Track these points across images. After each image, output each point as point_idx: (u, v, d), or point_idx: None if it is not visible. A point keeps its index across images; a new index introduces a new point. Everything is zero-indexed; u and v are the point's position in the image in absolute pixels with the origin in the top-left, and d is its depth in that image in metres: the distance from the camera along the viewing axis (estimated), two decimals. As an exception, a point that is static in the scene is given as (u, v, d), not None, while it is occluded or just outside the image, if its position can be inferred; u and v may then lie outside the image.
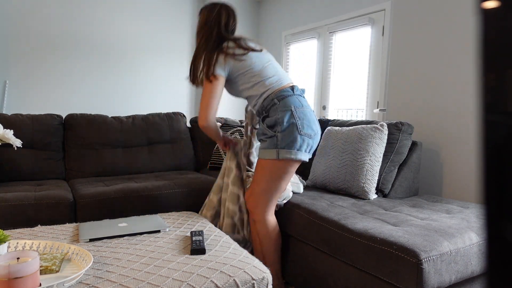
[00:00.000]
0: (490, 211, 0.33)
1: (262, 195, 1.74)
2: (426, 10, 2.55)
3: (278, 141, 1.66)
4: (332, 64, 3.46)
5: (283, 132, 1.65)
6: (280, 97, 1.69)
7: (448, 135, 2.40)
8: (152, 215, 1.71)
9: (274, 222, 1.83)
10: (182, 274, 1.10)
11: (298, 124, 1.64)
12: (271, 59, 1.81)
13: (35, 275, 0.93)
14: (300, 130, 1.64)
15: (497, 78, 0.32)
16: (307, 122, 1.66)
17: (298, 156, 1.65)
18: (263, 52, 1.79)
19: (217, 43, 1.73)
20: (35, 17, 3.70)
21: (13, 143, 1.18)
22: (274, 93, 1.70)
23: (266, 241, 1.80)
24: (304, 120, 1.65)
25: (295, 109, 1.66)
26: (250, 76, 1.73)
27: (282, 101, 1.68)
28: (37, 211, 1.96)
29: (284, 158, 1.65)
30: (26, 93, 3.69)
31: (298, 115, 1.65)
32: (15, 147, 1.34)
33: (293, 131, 1.64)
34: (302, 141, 1.65)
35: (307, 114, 1.68)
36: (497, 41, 0.32)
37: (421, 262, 1.25)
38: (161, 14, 4.45)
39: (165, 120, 3.00)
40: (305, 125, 1.65)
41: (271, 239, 1.81)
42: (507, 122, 0.31)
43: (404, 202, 1.98)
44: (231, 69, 1.72)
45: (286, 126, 1.64)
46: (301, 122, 1.65)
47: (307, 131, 1.66)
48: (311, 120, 1.68)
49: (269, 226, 1.79)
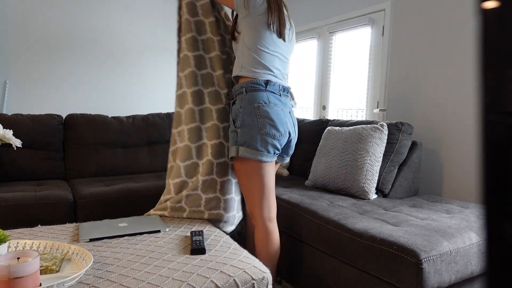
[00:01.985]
0: (490, 211, 0.33)
1: (248, 197, 1.62)
2: (426, 10, 2.55)
3: (238, 137, 1.55)
4: (332, 64, 3.46)
5: (242, 128, 1.54)
6: (249, 88, 1.57)
7: (448, 135, 2.40)
8: (152, 215, 1.71)
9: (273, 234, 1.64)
10: (182, 274, 1.10)
11: (259, 122, 1.52)
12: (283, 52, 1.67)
13: (35, 275, 0.93)
14: (260, 128, 1.52)
15: (497, 78, 0.32)
16: (270, 121, 1.53)
17: (258, 157, 1.52)
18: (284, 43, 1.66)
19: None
20: (35, 17, 3.70)
21: (13, 143, 1.18)
22: (247, 81, 1.58)
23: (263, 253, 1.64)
24: (267, 119, 1.52)
25: (259, 106, 1.53)
26: (254, 40, 1.58)
27: (249, 93, 1.56)
28: (37, 211, 1.96)
29: (243, 156, 1.54)
30: (26, 93, 3.69)
31: (260, 113, 1.53)
32: (15, 147, 1.34)
33: (252, 128, 1.52)
34: (263, 141, 1.52)
35: (272, 113, 1.54)
36: (497, 41, 0.32)
37: (421, 262, 1.25)
38: (161, 14, 4.45)
39: (165, 120, 3.00)
40: (267, 124, 1.52)
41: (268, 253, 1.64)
42: (507, 122, 0.31)
43: (404, 202, 1.98)
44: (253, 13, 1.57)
45: (246, 123, 1.53)
46: (263, 120, 1.52)
47: (269, 130, 1.52)
48: (277, 119, 1.54)
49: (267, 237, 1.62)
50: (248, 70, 1.59)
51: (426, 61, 2.55)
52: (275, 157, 1.60)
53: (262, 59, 1.58)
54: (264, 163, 1.56)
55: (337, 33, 3.38)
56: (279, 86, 1.61)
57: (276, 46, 1.61)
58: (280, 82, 1.63)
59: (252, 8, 1.55)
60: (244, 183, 1.60)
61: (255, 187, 1.58)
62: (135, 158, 2.79)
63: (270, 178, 1.60)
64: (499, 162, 0.32)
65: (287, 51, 1.68)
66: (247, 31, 1.59)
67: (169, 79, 4.66)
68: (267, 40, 1.58)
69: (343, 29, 3.27)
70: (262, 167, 1.56)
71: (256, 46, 1.58)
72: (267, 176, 1.58)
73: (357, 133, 2.11)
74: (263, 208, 1.61)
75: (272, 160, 1.58)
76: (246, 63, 1.60)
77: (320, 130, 2.62)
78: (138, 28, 4.33)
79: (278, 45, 1.62)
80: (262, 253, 1.64)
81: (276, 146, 1.56)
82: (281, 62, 1.65)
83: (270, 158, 1.56)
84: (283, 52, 1.65)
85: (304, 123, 2.80)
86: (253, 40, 1.58)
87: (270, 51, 1.59)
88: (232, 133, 1.59)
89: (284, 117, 1.59)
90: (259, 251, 1.65)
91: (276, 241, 1.65)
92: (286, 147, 1.68)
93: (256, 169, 1.56)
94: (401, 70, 2.73)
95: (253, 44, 1.58)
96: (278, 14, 1.59)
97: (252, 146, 1.53)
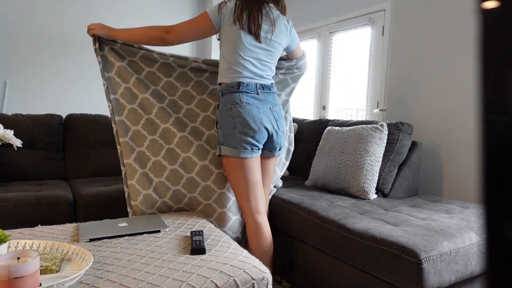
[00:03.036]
0: (490, 211, 0.33)
1: (235, 192, 1.72)
2: (426, 10, 2.55)
3: (219, 137, 1.69)
4: (332, 64, 3.46)
5: (220, 129, 1.67)
6: (225, 91, 1.68)
7: (448, 135, 2.40)
8: (152, 215, 1.71)
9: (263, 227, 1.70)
10: (182, 274, 1.10)
11: (233, 121, 1.63)
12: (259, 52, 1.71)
13: (35, 275, 0.93)
14: (234, 127, 1.62)
15: (497, 78, 0.32)
16: (242, 120, 1.61)
17: (236, 154, 1.63)
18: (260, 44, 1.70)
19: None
20: (35, 17, 3.70)
21: (13, 143, 1.18)
22: (223, 85, 1.69)
23: (254, 247, 1.69)
24: (239, 118, 1.61)
25: (232, 107, 1.63)
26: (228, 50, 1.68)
27: (224, 96, 1.67)
28: (37, 211, 1.96)
29: (224, 154, 1.66)
30: (26, 93, 3.69)
31: (233, 113, 1.63)
32: (15, 147, 1.34)
33: (228, 128, 1.63)
34: (238, 139, 1.62)
35: (244, 112, 1.62)
36: (497, 41, 0.32)
37: (421, 262, 1.25)
38: (161, 14, 4.45)
39: (165, 120, 3.00)
40: (240, 123, 1.61)
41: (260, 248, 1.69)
42: (507, 122, 0.31)
43: (404, 202, 1.98)
44: (220, 23, 1.69)
45: (223, 123, 1.65)
46: (235, 120, 1.62)
47: (242, 129, 1.61)
48: (250, 117, 1.62)
49: (257, 230, 1.69)
50: (224, 77, 1.70)
51: (426, 61, 2.55)
52: (256, 153, 1.68)
53: (235, 66, 1.67)
54: (244, 159, 1.65)
55: (337, 33, 3.38)
56: (255, 85, 1.69)
57: (250, 52, 1.68)
58: (258, 81, 1.70)
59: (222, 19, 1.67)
60: (230, 179, 1.71)
61: (240, 182, 1.68)
62: (135, 158, 2.79)
63: (254, 173, 1.68)
64: (499, 162, 0.32)
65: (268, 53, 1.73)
66: (222, 42, 1.71)
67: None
68: (240, 47, 1.66)
69: (343, 29, 3.27)
70: (243, 163, 1.65)
71: (230, 55, 1.68)
72: (249, 171, 1.67)
73: (357, 133, 2.11)
74: (250, 201, 1.69)
75: (252, 156, 1.66)
76: (222, 70, 1.71)
77: (320, 130, 2.62)
78: (138, 28, 4.33)
79: (253, 50, 1.68)
80: (253, 247, 1.69)
81: (251, 142, 1.63)
82: (258, 63, 1.71)
83: (249, 154, 1.65)
84: (259, 55, 1.70)
85: (304, 123, 2.80)
86: (226, 51, 1.69)
87: (245, 57, 1.67)
88: (216, 133, 1.73)
89: (258, 114, 1.66)
90: (251, 245, 1.70)
91: (267, 235, 1.71)
92: (270, 142, 1.74)
93: (238, 166, 1.65)
94: (401, 70, 2.73)
95: (227, 53, 1.69)
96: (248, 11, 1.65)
97: (230, 144, 1.64)
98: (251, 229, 1.70)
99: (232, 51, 1.66)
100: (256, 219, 1.69)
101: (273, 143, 1.75)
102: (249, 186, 1.68)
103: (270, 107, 1.71)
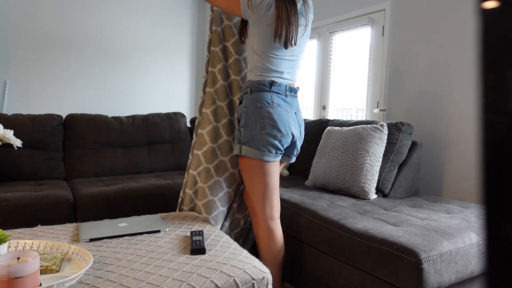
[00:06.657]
0: (490, 211, 0.33)
1: (251, 194, 1.64)
2: (426, 10, 2.55)
3: (241, 135, 1.58)
4: (332, 64, 3.46)
5: (245, 128, 1.57)
6: (254, 89, 1.59)
7: (448, 135, 2.40)
8: (152, 215, 1.71)
9: (275, 233, 1.65)
10: (182, 274, 1.10)
11: (261, 122, 1.54)
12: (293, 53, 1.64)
13: (35, 275, 0.93)
14: (262, 128, 1.54)
15: (497, 78, 0.32)
16: (272, 121, 1.54)
17: (260, 156, 1.54)
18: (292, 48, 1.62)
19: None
20: (35, 17, 3.70)
21: (13, 143, 1.18)
22: (252, 81, 1.61)
23: (265, 252, 1.66)
24: (269, 119, 1.54)
25: (262, 106, 1.55)
26: (261, 45, 1.59)
27: (254, 93, 1.58)
28: (37, 211, 1.96)
29: (246, 155, 1.56)
30: (26, 93, 3.69)
31: (263, 113, 1.54)
32: (15, 147, 1.34)
33: (254, 128, 1.54)
34: (264, 141, 1.54)
35: (274, 113, 1.55)
36: (497, 41, 0.32)
37: (421, 262, 1.25)
38: (161, 14, 4.45)
39: (165, 120, 3.00)
40: (269, 124, 1.53)
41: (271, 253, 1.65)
42: (507, 122, 0.31)
43: (404, 202, 1.98)
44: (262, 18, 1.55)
45: (249, 122, 1.56)
46: (264, 120, 1.54)
47: (270, 131, 1.53)
48: (280, 120, 1.55)
49: (269, 236, 1.64)
50: (255, 74, 1.62)
51: (426, 61, 2.55)
52: (278, 157, 1.60)
53: (270, 64, 1.60)
54: (266, 163, 1.57)
55: (337, 33, 3.38)
56: (285, 87, 1.62)
57: (284, 51, 1.61)
58: (288, 83, 1.64)
59: (260, 10, 1.54)
60: (248, 181, 1.63)
61: (258, 186, 1.60)
62: (135, 158, 2.79)
63: (273, 177, 1.61)
64: (499, 162, 0.32)
65: (298, 50, 1.66)
66: (256, 37, 1.60)
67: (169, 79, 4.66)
68: (276, 47, 1.59)
69: (343, 29, 3.27)
70: (264, 166, 1.58)
71: (264, 53, 1.59)
72: (269, 176, 1.60)
73: (357, 133, 2.11)
74: (265, 207, 1.63)
75: (274, 160, 1.58)
76: (254, 68, 1.63)
77: (320, 130, 2.62)
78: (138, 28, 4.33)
79: (287, 49, 1.61)
80: (264, 251, 1.66)
81: (277, 146, 1.56)
82: (290, 62, 1.64)
83: (273, 158, 1.57)
84: (293, 54, 1.64)
85: (304, 123, 2.80)
86: (260, 47, 1.59)
87: (278, 56, 1.60)
88: (237, 131, 1.62)
89: (288, 117, 1.59)
90: (261, 249, 1.67)
91: (279, 241, 1.66)
92: (291, 148, 1.68)
93: (259, 168, 1.58)
94: (401, 70, 2.73)
95: (261, 50, 1.59)
96: (286, 27, 1.56)
97: (254, 145, 1.55)
98: (263, 233, 1.65)
99: (267, 46, 1.58)
100: (269, 224, 1.64)
101: (293, 149, 1.68)
102: (266, 190, 1.61)
103: (295, 111, 1.65)
